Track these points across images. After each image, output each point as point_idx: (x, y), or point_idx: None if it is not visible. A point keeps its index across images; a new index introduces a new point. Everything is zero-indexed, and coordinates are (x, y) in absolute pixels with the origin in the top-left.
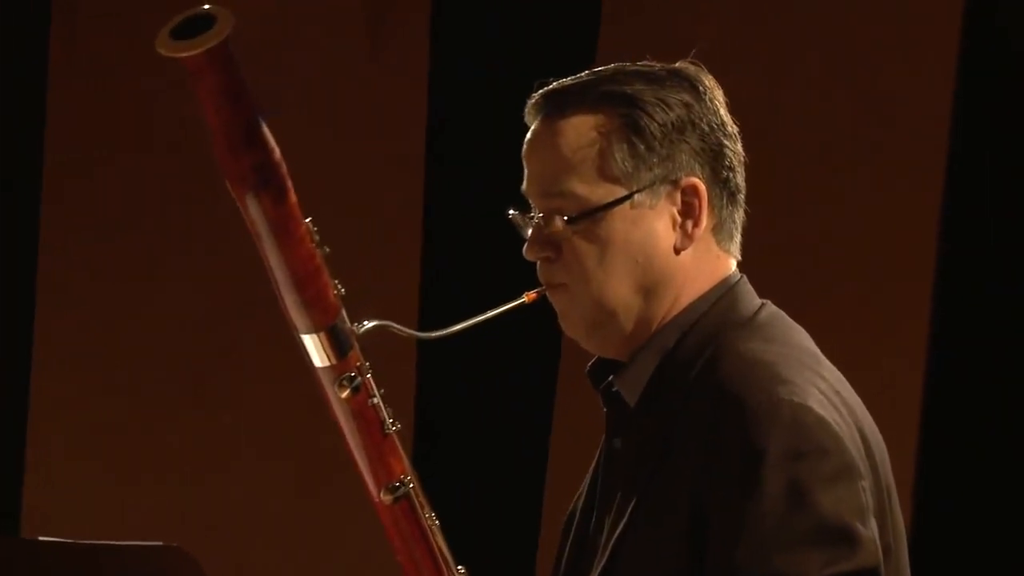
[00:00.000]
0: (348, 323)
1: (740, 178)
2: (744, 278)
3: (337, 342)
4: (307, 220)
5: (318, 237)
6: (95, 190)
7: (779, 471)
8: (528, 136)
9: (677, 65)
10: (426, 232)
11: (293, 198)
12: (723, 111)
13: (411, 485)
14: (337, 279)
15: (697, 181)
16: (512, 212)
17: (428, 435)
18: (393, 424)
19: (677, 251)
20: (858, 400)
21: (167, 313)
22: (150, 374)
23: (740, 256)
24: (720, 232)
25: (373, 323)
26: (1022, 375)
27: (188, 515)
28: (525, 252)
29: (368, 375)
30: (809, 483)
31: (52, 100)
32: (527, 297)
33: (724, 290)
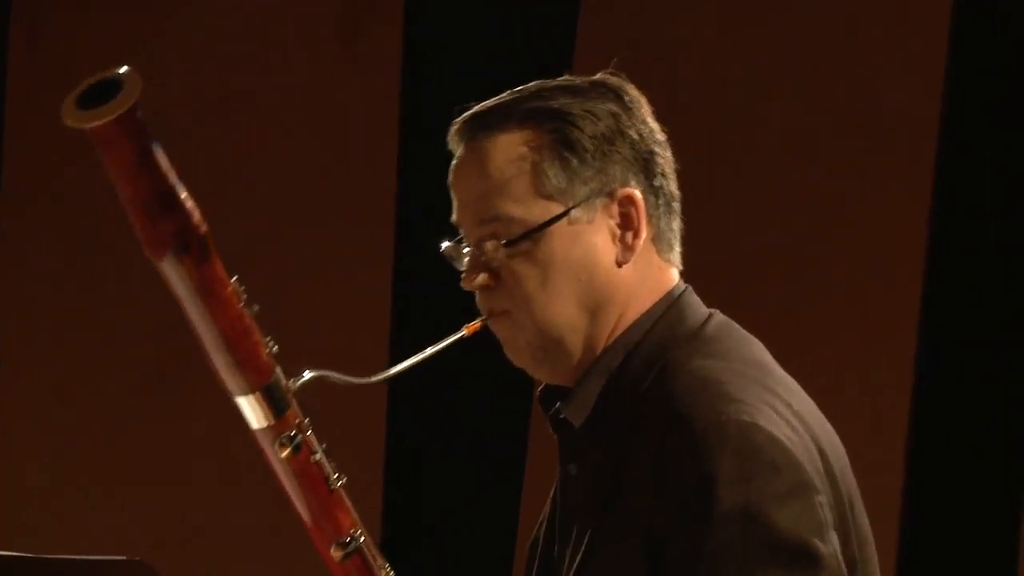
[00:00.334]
0: (284, 380)
1: (674, 185)
2: (689, 288)
3: (273, 401)
4: (233, 279)
5: (245, 296)
6: (55, 195)
7: (731, 494)
8: (453, 163)
9: (599, 76)
10: (399, 234)
11: (217, 259)
12: (650, 119)
13: (362, 539)
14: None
15: (633, 191)
16: (445, 244)
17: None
18: (339, 479)
19: (619, 264)
20: (813, 409)
21: (129, 320)
22: (112, 382)
23: (682, 265)
24: (660, 242)
25: (310, 375)
26: (1013, 379)
27: (151, 527)
28: (463, 283)
29: (309, 432)
30: (762, 503)
31: (10, 103)
32: (467, 329)
33: (668, 304)
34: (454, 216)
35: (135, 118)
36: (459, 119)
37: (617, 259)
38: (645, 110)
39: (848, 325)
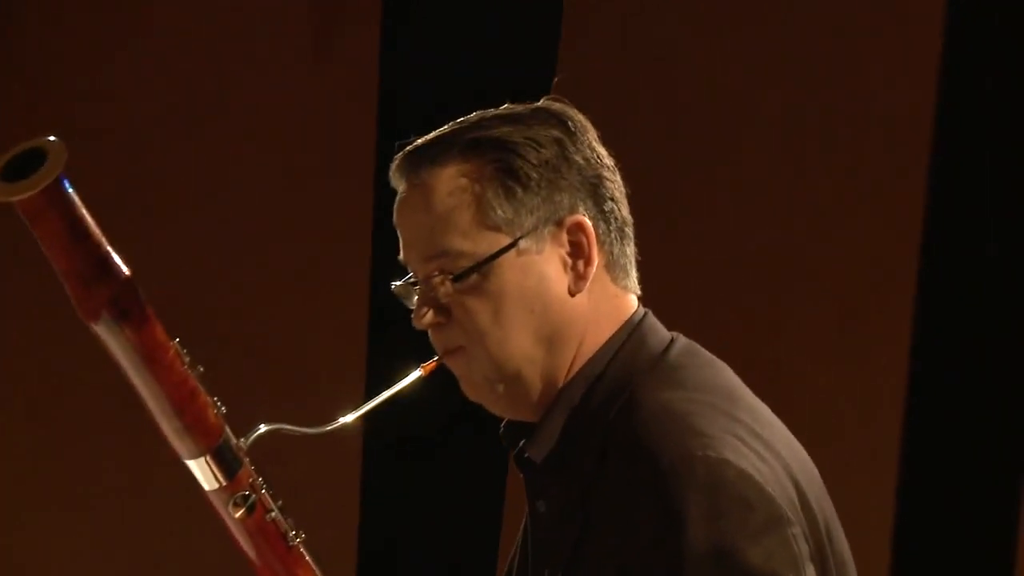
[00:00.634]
0: (233, 440)
1: (625, 210)
2: (648, 313)
3: (224, 463)
4: (175, 341)
5: (188, 358)
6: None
7: (701, 534)
8: (397, 200)
9: (540, 103)
10: (375, 245)
11: (157, 323)
12: (597, 144)
13: None
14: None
15: (582, 218)
16: (395, 284)
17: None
18: (297, 535)
19: (572, 294)
20: (785, 434)
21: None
22: (85, 400)
23: (640, 291)
24: (614, 269)
25: (262, 429)
26: (1007, 382)
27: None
28: (414, 322)
29: (263, 490)
30: (735, 541)
31: None
32: (423, 369)
33: (629, 331)
34: (401, 255)
35: (62, 188)
36: (399, 155)
37: (570, 288)
38: (591, 135)
39: (842, 326)
